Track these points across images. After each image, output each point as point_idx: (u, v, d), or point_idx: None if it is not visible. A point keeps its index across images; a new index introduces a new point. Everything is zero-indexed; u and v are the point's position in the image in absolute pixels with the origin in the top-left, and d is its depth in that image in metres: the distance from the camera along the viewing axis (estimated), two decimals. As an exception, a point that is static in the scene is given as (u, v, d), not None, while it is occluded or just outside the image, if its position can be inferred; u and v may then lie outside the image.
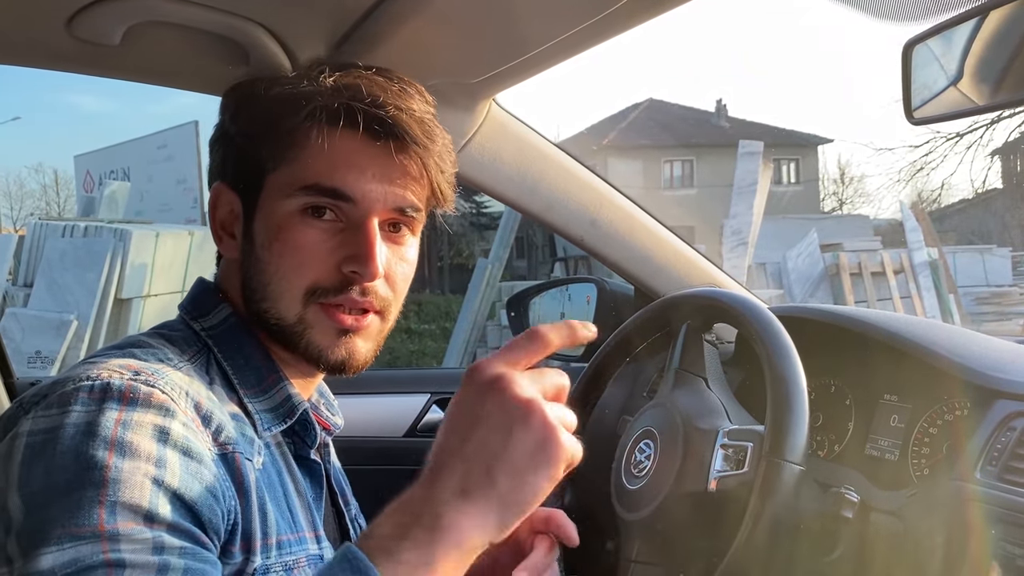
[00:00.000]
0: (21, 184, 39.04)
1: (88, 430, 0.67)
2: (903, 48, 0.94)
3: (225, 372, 0.83)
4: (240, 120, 0.87)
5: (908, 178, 19.29)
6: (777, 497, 0.88)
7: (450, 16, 1.03)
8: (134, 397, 0.70)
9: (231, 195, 0.87)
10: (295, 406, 0.85)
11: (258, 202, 0.84)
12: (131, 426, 0.68)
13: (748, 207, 9.48)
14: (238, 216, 0.86)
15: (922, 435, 1.05)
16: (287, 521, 0.81)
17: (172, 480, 0.68)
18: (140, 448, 0.67)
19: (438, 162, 0.85)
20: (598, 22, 0.99)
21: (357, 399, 1.65)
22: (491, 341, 9.64)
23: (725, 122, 25.74)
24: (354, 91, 0.82)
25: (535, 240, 21.41)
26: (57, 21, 1.01)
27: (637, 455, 1.05)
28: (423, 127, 0.83)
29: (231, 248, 0.87)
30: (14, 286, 9.62)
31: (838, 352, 1.18)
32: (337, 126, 0.81)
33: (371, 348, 0.87)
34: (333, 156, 0.81)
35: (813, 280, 10.29)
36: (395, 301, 0.88)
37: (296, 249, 0.81)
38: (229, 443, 0.76)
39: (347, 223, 0.82)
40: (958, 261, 11.54)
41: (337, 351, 0.84)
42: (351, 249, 0.82)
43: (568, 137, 24.56)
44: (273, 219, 0.82)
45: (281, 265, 0.82)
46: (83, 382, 0.70)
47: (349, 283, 0.82)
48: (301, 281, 0.82)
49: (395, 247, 0.87)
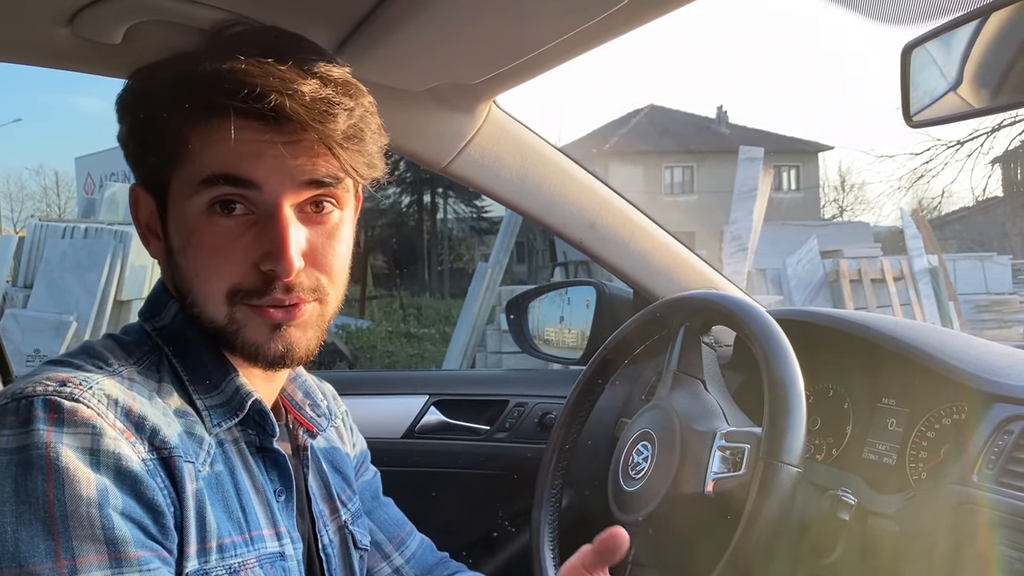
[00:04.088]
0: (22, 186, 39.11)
1: (22, 459, 0.67)
2: (902, 51, 0.94)
3: (176, 371, 0.82)
4: (131, 126, 0.83)
5: (909, 185, 19.33)
6: (774, 499, 0.87)
7: (450, 18, 1.03)
8: (59, 416, 0.69)
9: (147, 196, 0.83)
10: (243, 398, 0.82)
11: (167, 203, 0.81)
12: (61, 452, 0.67)
13: (748, 213, 9.48)
14: (158, 217, 0.83)
15: (920, 439, 1.05)
16: (236, 522, 0.79)
17: (116, 503, 0.68)
18: (77, 475, 0.67)
19: (342, 139, 0.78)
20: (599, 23, 0.99)
21: (355, 400, 1.64)
22: (490, 345, 9.62)
23: (726, 128, 25.76)
24: (234, 83, 0.75)
25: (535, 245, 21.43)
26: (59, 19, 1.01)
27: (635, 457, 1.05)
28: (314, 109, 0.76)
29: (157, 250, 0.84)
30: (14, 287, 9.62)
31: (836, 356, 1.18)
32: (226, 118, 0.75)
33: (313, 336, 0.83)
34: (227, 146, 0.75)
35: (813, 286, 10.29)
36: (332, 284, 0.83)
37: (210, 251, 0.78)
38: (166, 447, 0.74)
39: (258, 213, 0.78)
40: (958, 268, 11.53)
41: (274, 346, 0.80)
42: (265, 245, 0.77)
43: (569, 142, 24.58)
44: (184, 221, 0.79)
45: (199, 269, 0.79)
46: (9, 402, 0.69)
47: (270, 281, 0.78)
48: (221, 284, 0.78)
49: (319, 227, 0.81)
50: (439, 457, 1.59)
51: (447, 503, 1.59)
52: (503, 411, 1.61)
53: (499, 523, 1.60)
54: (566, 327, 1.71)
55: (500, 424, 1.61)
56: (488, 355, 9.52)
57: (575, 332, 1.68)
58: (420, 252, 23.40)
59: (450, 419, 1.61)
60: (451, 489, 1.59)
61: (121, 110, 0.83)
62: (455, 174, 1.37)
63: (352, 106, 0.79)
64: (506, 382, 1.70)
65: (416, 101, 1.27)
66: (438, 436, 1.60)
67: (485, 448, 1.60)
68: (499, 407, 1.62)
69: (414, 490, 1.59)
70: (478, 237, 24.31)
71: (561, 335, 1.72)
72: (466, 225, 24.63)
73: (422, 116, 1.29)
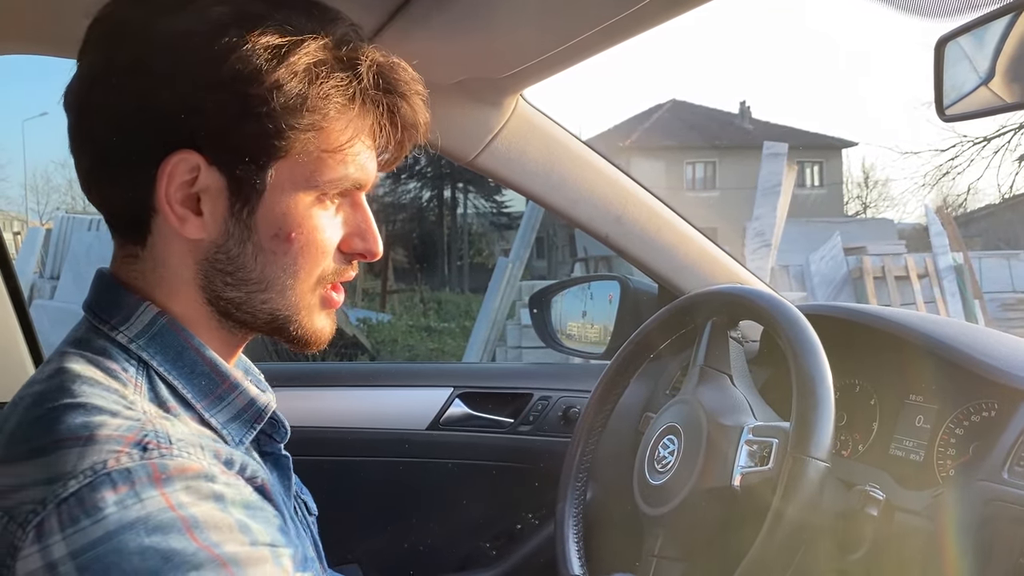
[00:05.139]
0: (47, 179, 39.46)
1: (149, 525, 0.58)
2: (936, 44, 0.93)
3: (174, 388, 0.72)
4: (253, 87, 0.68)
5: (934, 182, 19.06)
6: (802, 494, 0.87)
7: (478, 12, 1.03)
8: (164, 475, 0.61)
9: (211, 170, 0.71)
10: (260, 409, 0.77)
11: (257, 186, 0.71)
12: (185, 504, 0.60)
13: (772, 209, 9.42)
14: (215, 195, 0.71)
15: (948, 436, 1.05)
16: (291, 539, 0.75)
17: (262, 536, 0.63)
18: (213, 521, 0.61)
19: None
20: (626, 17, 0.99)
21: (379, 391, 1.66)
22: (510, 340, 9.63)
23: (749, 124, 25.58)
24: (391, 81, 0.75)
25: (556, 240, 21.40)
26: (89, 12, 1.02)
27: (660, 451, 1.05)
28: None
29: (197, 228, 0.72)
30: (41, 278, 9.75)
31: (863, 352, 1.18)
32: (379, 112, 0.75)
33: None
34: (357, 147, 0.74)
35: (836, 283, 10.20)
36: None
37: (318, 243, 0.74)
38: (256, 476, 0.70)
39: (342, 199, 0.77)
40: (984, 266, 11.38)
41: (326, 331, 0.79)
42: (352, 227, 0.77)
43: (591, 137, 24.50)
44: (291, 211, 0.72)
45: (297, 257, 0.74)
46: (86, 479, 0.59)
47: (348, 263, 0.78)
48: (315, 271, 0.75)
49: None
50: (463, 449, 1.60)
51: (471, 495, 1.60)
52: (527, 404, 1.62)
53: (523, 516, 1.61)
54: (588, 322, 1.71)
55: (524, 417, 1.61)
56: (508, 350, 9.54)
57: (597, 327, 1.68)
58: (440, 247, 23.45)
59: (474, 411, 1.62)
60: (475, 481, 1.60)
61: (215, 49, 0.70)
62: (481, 168, 1.37)
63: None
64: (530, 375, 1.70)
65: (444, 95, 1.27)
66: (462, 428, 1.60)
67: (509, 441, 1.60)
68: (523, 400, 1.62)
69: (438, 481, 1.60)
70: (498, 232, 24.30)
71: (583, 330, 1.72)
72: (486, 220, 24.65)
73: (449, 110, 1.30)
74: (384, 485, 1.60)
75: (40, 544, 0.58)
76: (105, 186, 0.74)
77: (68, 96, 0.74)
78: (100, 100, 0.71)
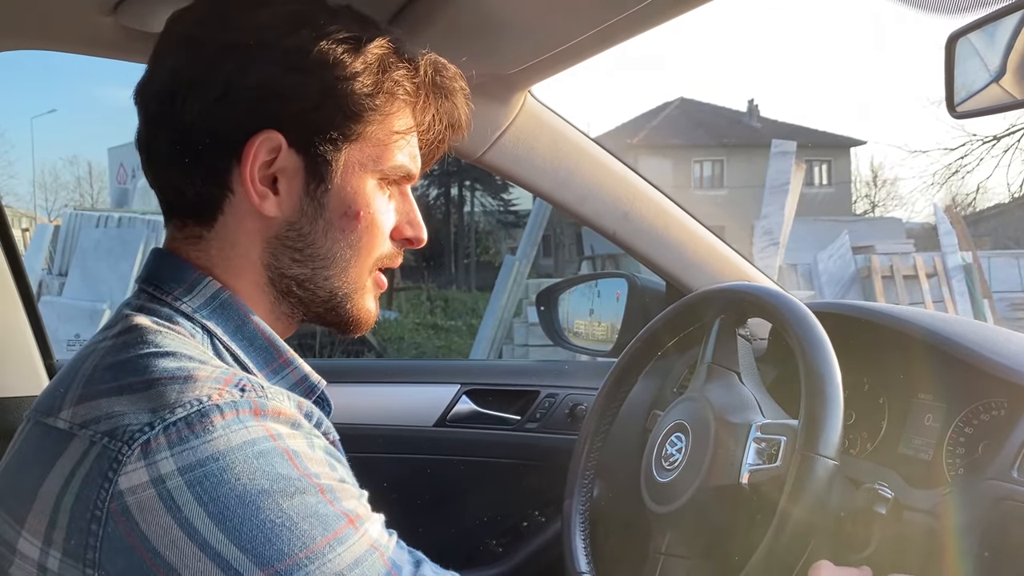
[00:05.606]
0: (56, 176, 39.66)
1: (256, 449, 0.63)
2: (947, 41, 0.93)
3: (236, 356, 0.76)
4: (334, 72, 0.75)
5: (943, 181, 19.00)
6: (810, 492, 0.87)
7: (487, 7, 1.03)
8: (262, 410, 0.66)
9: (290, 152, 0.76)
10: (313, 385, 0.82)
11: (332, 166, 0.77)
12: (284, 437, 0.66)
13: (780, 207, 9.40)
14: (291, 174, 0.76)
15: (957, 435, 1.04)
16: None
17: (348, 477, 0.71)
18: (309, 455, 0.66)
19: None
20: (636, 13, 0.99)
21: (386, 388, 1.66)
22: (517, 338, 9.64)
23: (757, 122, 25.53)
24: (445, 79, 0.84)
25: (563, 238, 21.40)
26: (103, 8, 1.03)
27: (668, 448, 1.05)
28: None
29: (274, 206, 0.76)
30: (49, 274, 9.80)
31: (872, 350, 1.17)
32: (437, 105, 0.84)
33: None
34: (412, 139, 0.83)
35: (844, 282, 10.18)
36: None
37: (380, 224, 0.81)
38: (329, 432, 0.76)
39: (392, 188, 0.84)
40: (993, 265, 11.34)
41: (373, 313, 0.85)
42: (403, 215, 0.84)
43: (599, 135, 24.46)
44: (357, 192, 0.78)
45: (364, 235, 0.80)
46: (193, 407, 0.63)
47: (400, 248, 0.85)
48: (375, 251, 0.82)
49: None
50: (470, 446, 1.60)
51: (477, 492, 1.60)
52: (534, 401, 1.62)
53: (530, 513, 1.61)
54: (595, 320, 1.71)
55: (531, 414, 1.61)
56: (515, 348, 9.55)
57: (604, 325, 1.68)
58: (447, 245, 23.47)
59: (481, 409, 1.62)
60: (482, 478, 1.60)
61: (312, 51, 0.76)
62: (489, 164, 1.37)
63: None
64: (537, 373, 1.70)
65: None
66: (469, 425, 1.60)
67: (516, 438, 1.60)
68: (530, 397, 1.62)
69: (445, 478, 1.60)
70: (505, 230, 24.32)
71: (590, 328, 1.72)
72: (493, 218, 24.67)
73: (457, 106, 1.29)
74: (391, 482, 1.59)
75: (147, 460, 0.61)
76: (183, 170, 0.76)
77: (146, 88, 0.78)
78: (186, 88, 0.74)
